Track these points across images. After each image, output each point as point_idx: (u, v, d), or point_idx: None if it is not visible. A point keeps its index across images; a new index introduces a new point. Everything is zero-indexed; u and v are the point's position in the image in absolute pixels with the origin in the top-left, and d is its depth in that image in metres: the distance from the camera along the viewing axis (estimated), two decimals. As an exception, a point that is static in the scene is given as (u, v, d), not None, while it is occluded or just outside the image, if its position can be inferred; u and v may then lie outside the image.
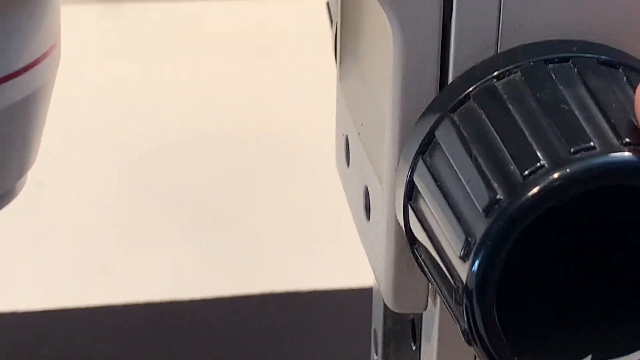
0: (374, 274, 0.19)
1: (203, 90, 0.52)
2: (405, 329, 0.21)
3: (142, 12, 0.56)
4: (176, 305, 0.39)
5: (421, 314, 0.19)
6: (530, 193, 0.14)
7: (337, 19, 0.21)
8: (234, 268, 0.42)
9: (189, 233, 0.44)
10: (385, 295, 0.18)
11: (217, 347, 0.37)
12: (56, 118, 0.21)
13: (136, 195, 0.45)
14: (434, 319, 0.18)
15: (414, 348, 0.20)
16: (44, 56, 0.17)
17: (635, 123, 0.14)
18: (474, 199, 0.14)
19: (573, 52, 0.16)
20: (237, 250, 0.43)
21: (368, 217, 0.19)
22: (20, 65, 0.16)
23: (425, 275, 0.17)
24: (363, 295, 0.37)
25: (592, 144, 0.14)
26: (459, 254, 0.14)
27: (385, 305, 0.23)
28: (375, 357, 0.23)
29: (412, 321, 0.20)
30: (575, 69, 0.15)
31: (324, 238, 0.43)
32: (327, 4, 0.25)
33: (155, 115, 0.50)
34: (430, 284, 0.17)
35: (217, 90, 0.52)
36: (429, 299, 0.18)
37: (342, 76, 0.21)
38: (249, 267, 0.42)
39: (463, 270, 0.14)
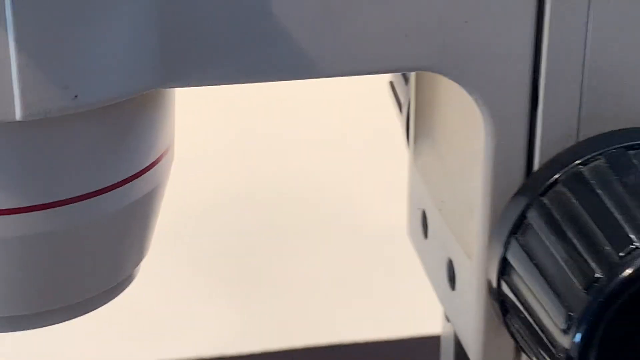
0: (461, 337, 0.20)
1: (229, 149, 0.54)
2: None
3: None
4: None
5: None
6: (627, 272, 0.15)
7: (411, 98, 0.23)
8: (276, 323, 0.43)
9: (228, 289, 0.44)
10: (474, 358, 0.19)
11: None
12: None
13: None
14: None
15: None
16: (164, 154, 0.18)
17: None
18: (572, 277, 0.15)
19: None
20: (277, 305, 0.44)
21: (453, 287, 0.20)
22: (146, 164, 0.17)
23: (518, 343, 0.18)
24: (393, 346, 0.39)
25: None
26: (561, 327, 0.15)
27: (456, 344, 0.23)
28: None
29: None
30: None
31: (355, 291, 0.44)
32: (391, 83, 0.26)
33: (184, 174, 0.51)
34: (519, 351, 0.18)
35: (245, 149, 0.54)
36: None
37: (416, 154, 0.22)
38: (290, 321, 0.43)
39: (566, 342, 0.15)
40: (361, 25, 0.15)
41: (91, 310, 0.18)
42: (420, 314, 0.32)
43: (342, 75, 0.17)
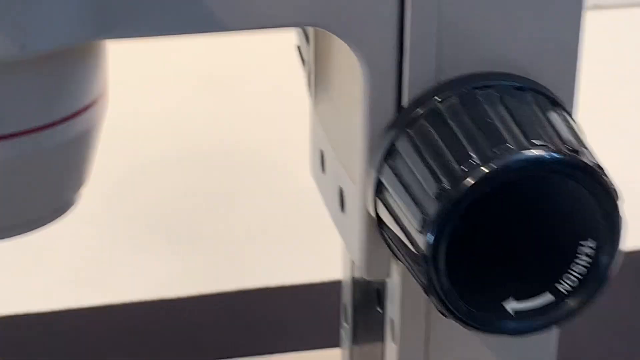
0: (349, 251, 0.23)
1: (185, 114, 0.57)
2: (371, 298, 0.25)
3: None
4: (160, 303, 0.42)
5: (384, 282, 0.23)
6: (468, 181, 0.18)
7: (310, 58, 0.26)
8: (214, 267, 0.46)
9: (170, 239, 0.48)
10: (359, 267, 0.22)
11: (194, 344, 0.41)
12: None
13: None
14: (396, 283, 0.22)
15: (380, 311, 0.24)
16: (95, 101, 0.21)
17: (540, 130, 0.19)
18: (427, 190, 0.19)
19: (495, 81, 0.20)
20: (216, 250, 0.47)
21: (342, 210, 0.23)
22: (76, 108, 0.20)
23: (391, 249, 0.21)
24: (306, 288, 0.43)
25: (509, 145, 0.18)
26: (418, 229, 0.19)
27: (353, 282, 0.27)
28: (346, 326, 0.28)
29: (377, 290, 0.25)
30: (497, 94, 0.20)
31: (292, 239, 0.47)
32: (298, 47, 0.29)
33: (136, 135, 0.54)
34: (393, 256, 0.22)
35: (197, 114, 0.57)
36: (392, 268, 0.22)
37: (316, 103, 0.26)
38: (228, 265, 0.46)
39: (422, 241, 0.19)
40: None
41: (36, 228, 0.20)
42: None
43: (245, 29, 0.20)
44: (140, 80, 0.59)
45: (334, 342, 0.33)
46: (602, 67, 0.60)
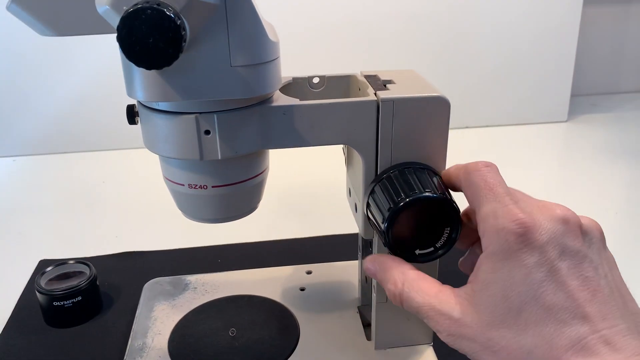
0: (358, 227, 0.50)
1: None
2: (368, 245, 0.52)
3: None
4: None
5: (371, 239, 0.50)
6: (398, 206, 0.45)
7: (346, 152, 0.53)
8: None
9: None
10: (362, 233, 0.49)
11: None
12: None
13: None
14: (375, 239, 0.49)
15: (370, 249, 0.52)
16: (266, 168, 0.48)
17: (431, 186, 0.45)
18: (385, 206, 0.45)
19: (411, 165, 0.47)
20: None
21: (356, 211, 0.51)
22: (260, 171, 0.48)
23: (373, 227, 0.48)
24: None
25: (416, 191, 0.45)
26: (381, 222, 0.45)
27: (362, 237, 0.54)
28: (360, 254, 0.55)
29: (370, 241, 0.52)
30: (412, 170, 0.47)
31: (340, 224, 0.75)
32: (342, 148, 0.56)
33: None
34: (374, 230, 0.48)
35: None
36: (374, 234, 0.49)
37: (347, 169, 0.53)
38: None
39: (383, 226, 0.45)
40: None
41: (241, 218, 0.48)
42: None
43: (318, 145, 0.47)
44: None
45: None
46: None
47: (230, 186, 0.47)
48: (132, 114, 0.47)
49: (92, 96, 1.17)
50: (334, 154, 1.05)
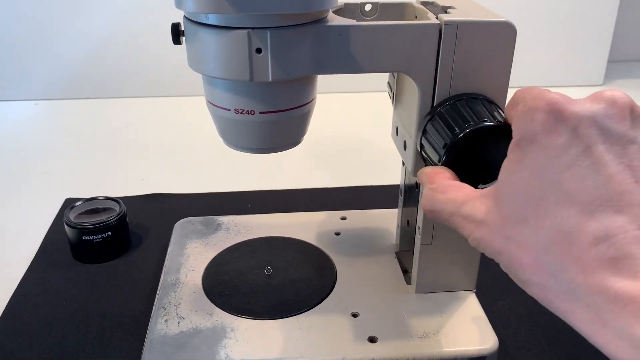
0: (407, 166, 0.48)
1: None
2: (414, 187, 0.50)
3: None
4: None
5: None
6: (458, 137, 0.42)
7: (394, 84, 0.51)
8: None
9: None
10: (412, 170, 0.47)
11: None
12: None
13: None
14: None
15: (417, 190, 0.49)
16: (313, 98, 0.46)
17: (490, 115, 0.43)
18: (441, 141, 0.43)
19: (465, 97, 0.45)
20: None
21: (405, 149, 0.48)
22: (308, 100, 0.45)
23: (426, 163, 0.46)
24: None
25: (470, 123, 0.42)
26: (440, 154, 0.43)
27: (405, 182, 0.52)
28: (401, 198, 0.53)
29: (416, 183, 0.49)
30: (465, 101, 0.44)
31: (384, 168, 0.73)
32: (388, 82, 0.54)
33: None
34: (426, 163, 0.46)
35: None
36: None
37: (395, 105, 0.51)
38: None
39: (442, 157, 0.43)
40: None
41: (286, 150, 0.46)
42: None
43: (372, 72, 0.44)
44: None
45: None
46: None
47: (278, 113, 0.45)
48: (177, 32, 0.44)
49: (114, 42, 1.15)
50: (361, 106, 1.13)
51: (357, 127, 1.02)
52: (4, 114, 1.10)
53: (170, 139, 0.99)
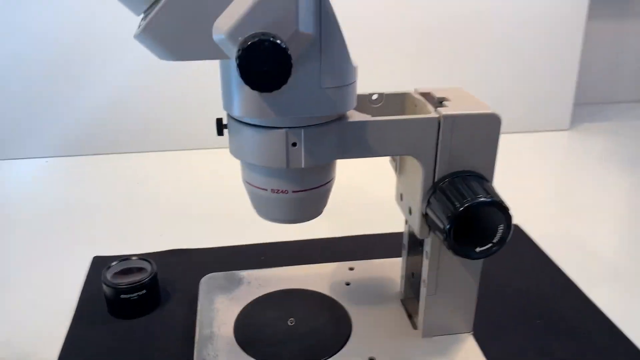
0: (413, 227, 0.57)
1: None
2: (417, 243, 0.59)
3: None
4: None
5: (423, 239, 0.57)
6: (459, 210, 0.51)
7: (397, 161, 0.60)
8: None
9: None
10: (418, 233, 0.56)
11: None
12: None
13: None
14: (431, 239, 0.56)
15: (421, 247, 0.58)
16: (333, 177, 0.55)
17: (484, 191, 0.52)
18: (446, 209, 0.52)
19: (461, 174, 0.54)
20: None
21: (410, 214, 0.57)
22: (329, 179, 0.54)
23: (430, 228, 0.55)
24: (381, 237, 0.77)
25: (468, 199, 0.51)
26: (445, 223, 0.52)
27: (409, 236, 0.61)
28: (404, 252, 0.62)
29: (421, 241, 0.58)
30: (461, 178, 0.53)
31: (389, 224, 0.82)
32: (390, 160, 0.63)
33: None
34: (430, 231, 0.55)
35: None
36: (428, 234, 0.56)
37: (398, 177, 0.60)
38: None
39: (446, 226, 0.51)
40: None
41: (307, 221, 0.55)
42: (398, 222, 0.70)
43: (379, 156, 0.53)
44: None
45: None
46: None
47: (307, 191, 0.53)
48: (221, 126, 0.53)
49: (122, 101, 1.22)
50: (356, 163, 1.21)
51: (354, 180, 1.09)
52: (18, 171, 1.17)
53: (179, 194, 1.07)
